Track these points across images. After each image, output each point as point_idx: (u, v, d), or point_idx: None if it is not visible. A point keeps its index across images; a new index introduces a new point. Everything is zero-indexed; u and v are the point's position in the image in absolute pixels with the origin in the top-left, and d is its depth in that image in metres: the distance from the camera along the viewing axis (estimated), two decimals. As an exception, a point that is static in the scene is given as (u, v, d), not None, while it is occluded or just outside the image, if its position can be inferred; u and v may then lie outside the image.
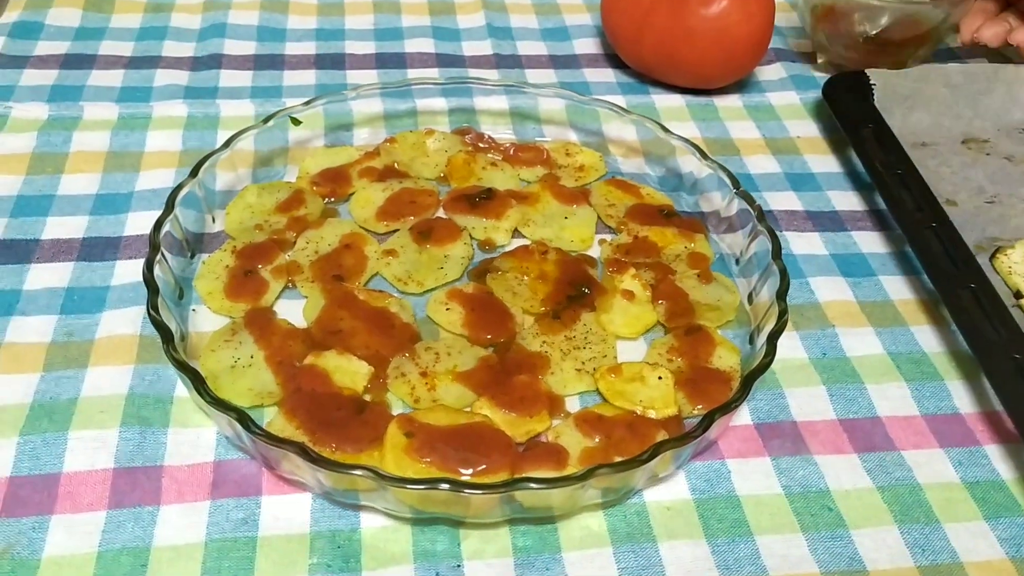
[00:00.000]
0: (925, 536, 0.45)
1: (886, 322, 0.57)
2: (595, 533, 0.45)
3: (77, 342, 0.51)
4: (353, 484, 0.42)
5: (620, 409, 0.49)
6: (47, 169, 0.63)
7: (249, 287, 0.54)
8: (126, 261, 0.56)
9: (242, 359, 0.50)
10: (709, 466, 0.48)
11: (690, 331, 0.53)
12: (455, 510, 0.43)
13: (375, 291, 0.55)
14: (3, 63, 0.72)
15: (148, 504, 0.44)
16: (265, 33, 0.79)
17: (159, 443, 0.47)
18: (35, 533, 0.43)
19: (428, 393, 0.49)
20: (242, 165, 0.61)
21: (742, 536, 0.45)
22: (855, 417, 0.51)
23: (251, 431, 0.42)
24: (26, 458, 0.45)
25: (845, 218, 0.64)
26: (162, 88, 0.71)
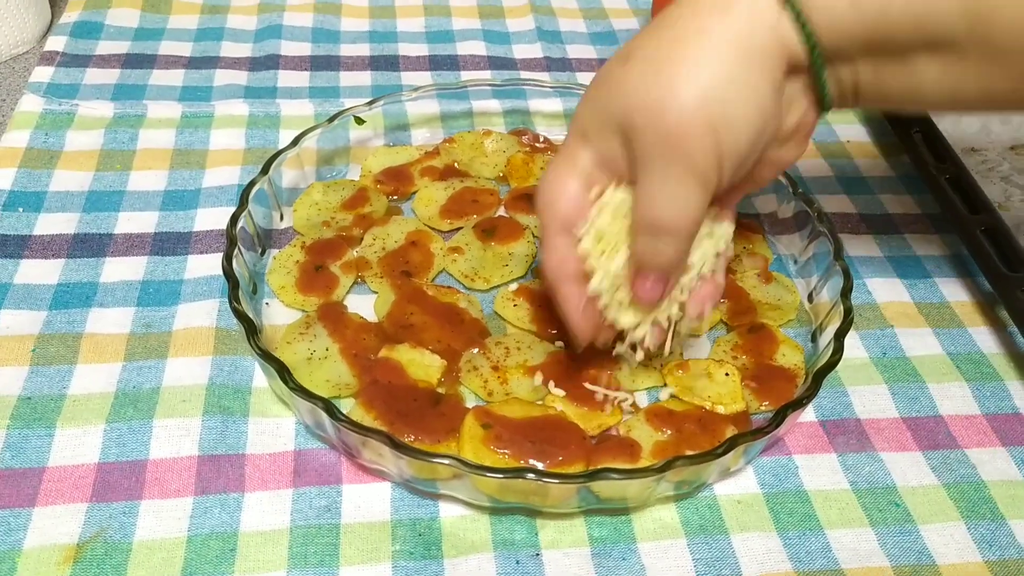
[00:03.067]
0: (992, 532, 0.46)
1: (944, 323, 0.57)
2: (668, 525, 0.45)
3: (156, 333, 0.52)
4: (434, 473, 0.43)
5: (689, 404, 0.50)
6: (116, 166, 0.64)
7: (320, 282, 0.55)
8: (198, 256, 0.58)
9: (318, 351, 0.51)
10: (777, 461, 0.49)
11: (753, 329, 0.54)
12: (532, 500, 0.44)
13: (443, 287, 0.56)
14: (66, 62, 0.74)
15: (233, 491, 0.45)
16: (320, 35, 0.80)
17: (240, 432, 0.48)
18: (126, 518, 0.44)
19: (501, 386, 0.50)
20: (307, 163, 0.62)
21: (812, 529, 0.46)
22: (918, 415, 0.52)
23: (337, 419, 0.43)
24: (113, 445, 0.47)
25: (898, 221, 0.65)
26: (222, 88, 0.73)
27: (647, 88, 0.39)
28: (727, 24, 0.38)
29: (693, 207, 0.40)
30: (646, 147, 0.39)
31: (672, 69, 0.38)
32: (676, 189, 0.40)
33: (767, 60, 0.39)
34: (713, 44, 0.38)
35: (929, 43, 0.38)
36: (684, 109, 0.38)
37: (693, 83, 0.38)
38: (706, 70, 0.38)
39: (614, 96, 0.40)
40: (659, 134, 0.39)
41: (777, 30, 0.39)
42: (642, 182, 0.41)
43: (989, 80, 0.39)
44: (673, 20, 0.40)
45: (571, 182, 0.43)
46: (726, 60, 0.38)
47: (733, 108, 0.38)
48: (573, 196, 0.43)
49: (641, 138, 0.39)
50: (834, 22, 0.38)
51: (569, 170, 0.43)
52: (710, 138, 0.38)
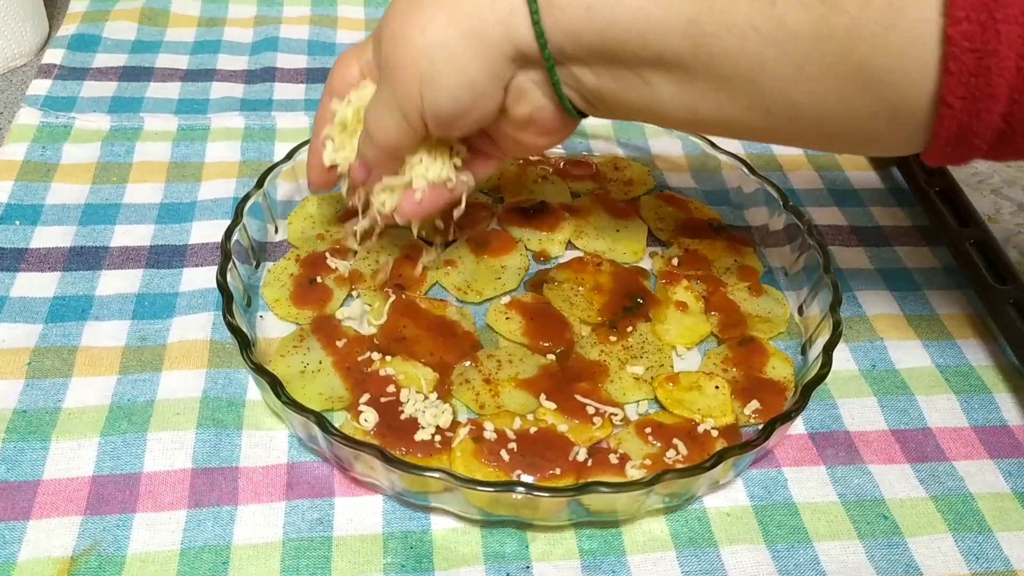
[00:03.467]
0: (979, 544, 0.47)
1: (933, 335, 0.58)
2: (658, 537, 0.46)
3: (151, 346, 0.53)
4: (426, 486, 0.44)
5: (679, 417, 0.50)
6: (112, 179, 0.64)
7: (314, 295, 0.56)
8: (193, 268, 0.58)
9: (311, 364, 0.51)
10: (766, 474, 0.49)
11: (743, 342, 0.55)
12: (523, 513, 0.45)
13: (436, 300, 0.56)
14: (64, 75, 0.74)
15: (226, 504, 0.46)
16: (316, 47, 0.81)
17: (234, 445, 0.48)
18: (119, 530, 0.44)
19: (492, 399, 0.50)
20: (303, 176, 0.63)
21: (801, 542, 0.46)
22: (906, 428, 0.52)
23: (329, 433, 0.44)
24: (108, 458, 0.47)
25: (889, 233, 0.66)
26: (218, 100, 0.73)
27: (394, 22, 0.44)
28: (466, 3, 0.42)
29: (391, 130, 0.47)
30: (380, 65, 0.46)
31: (412, 21, 0.43)
32: (382, 110, 0.46)
33: (488, 48, 0.42)
34: (448, 15, 0.42)
35: (657, 61, 0.40)
36: (404, 51, 0.43)
37: (419, 38, 0.43)
38: (433, 34, 0.42)
39: (384, 17, 0.46)
40: (386, 60, 0.45)
41: (508, 23, 0.42)
42: (373, 97, 0.48)
43: (719, 104, 0.41)
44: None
45: (353, 65, 0.51)
46: (451, 34, 0.42)
47: (439, 73, 0.43)
48: (351, 76, 0.51)
49: (378, 56, 0.47)
50: (568, 25, 0.41)
51: (357, 56, 0.51)
52: (415, 85, 0.44)
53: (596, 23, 0.40)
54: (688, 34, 0.38)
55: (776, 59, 0.37)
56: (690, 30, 0.38)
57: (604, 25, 0.40)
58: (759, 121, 0.41)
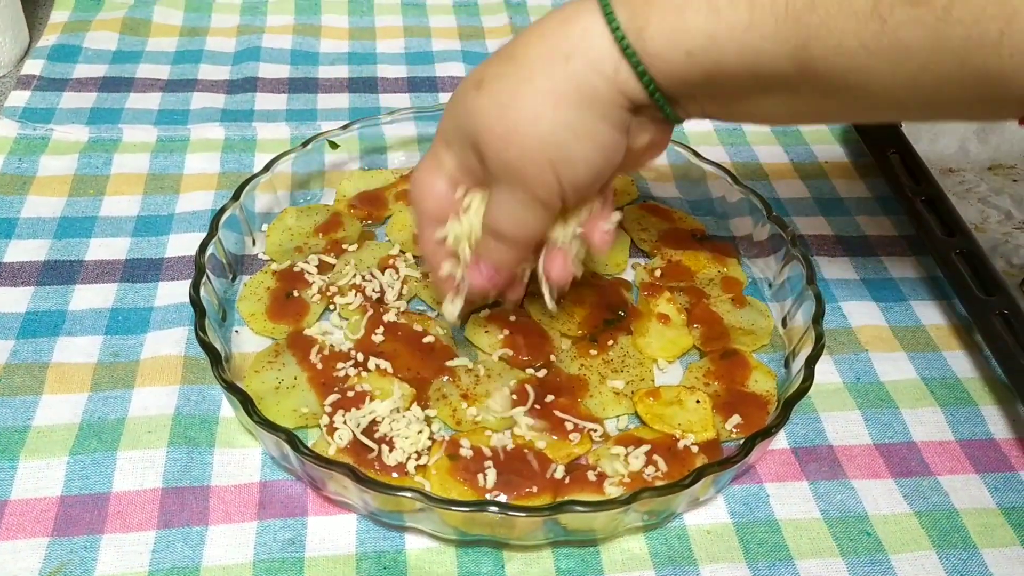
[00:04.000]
0: (963, 562, 0.46)
1: (918, 347, 0.57)
2: (637, 556, 0.45)
3: (123, 362, 0.52)
4: (399, 505, 0.43)
5: (659, 432, 0.49)
6: (89, 191, 0.64)
7: (290, 309, 0.55)
8: (168, 282, 0.57)
9: (286, 380, 0.50)
10: (748, 490, 0.48)
11: (726, 355, 0.54)
12: (499, 532, 0.44)
13: (415, 313, 0.56)
14: (43, 86, 0.74)
15: (196, 524, 0.45)
16: (299, 57, 0.80)
17: (206, 463, 0.47)
18: (86, 552, 0.43)
19: (469, 415, 0.49)
20: (281, 187, 0.62)
21: (782, 560, 0.45)
22: (891, 442, 0.51)
23: (300, 452, 0.43)
24: (76, 478, 0.46)
25: (875, 243, 0.65)
26: (199, 111, 0.72)
27: (495, 122, 0.42)
28: (568, 74, 0.41)
29: (531, 225, 0.45)
30: (495, 170, 0.44)
31: (517, 113, 0.42)
32: (517, 209, 0.45)
33: (606, 107, 0.41)
34: (554, 91, 0.41)
35: (764, 87, 0.40)
36: (525, 149, 0.42)
37: (537, 128, 0.41)
38: (549, 119, 0.41)
39: (470, 119, 0.44)
40: (504, 163, 0.43)
41: (615, 80, 0.41)
42: (492, 194, 0.45)
43: (823, 108, 0.42)
44: (521, 56, 0.42)
45: (438, 182, 0.48)
46: (565, 108, 0.41)
47: (571, 150, 0.42)
48: (441, 194, 0.48)
49: (490, 162, 0.44)
50: (672, 72, 0.40)
51: (436, 171, 0.47)
52: (550, 174, 0.42)
53: (700, 66, 0.40)
54: (796, 59, 0.38)
55: (889, 72, 0.37)
56: (798, 55, 0.38)
57: (709, 66, 0.40)
58: (861, 115, 0.45)
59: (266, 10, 0.86)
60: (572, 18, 0.41)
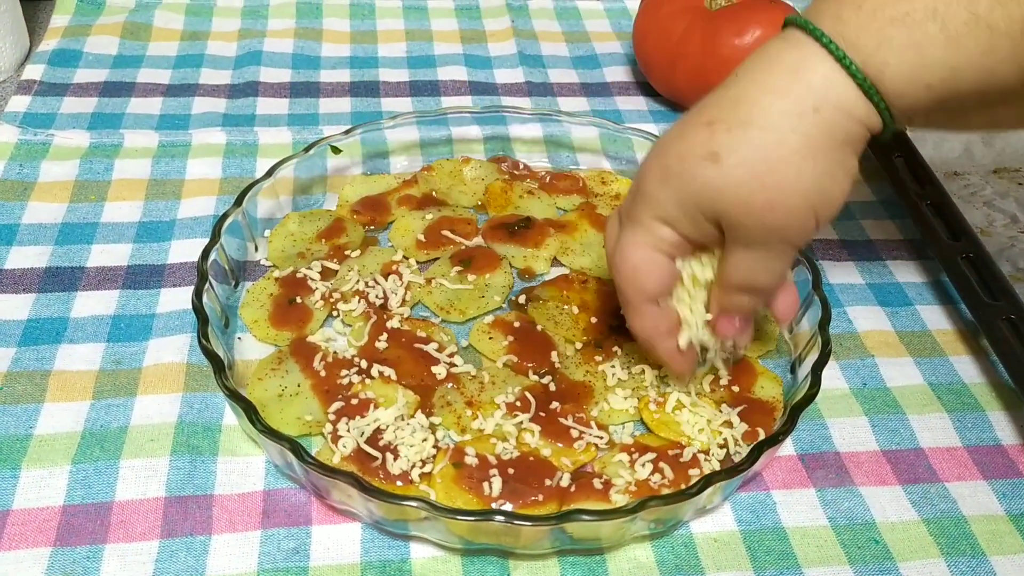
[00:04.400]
0: (972, 569, 0.45)
1: (925, 352, 0.57)
2: (644, 565, 0.45)
3: (125, 370, 0.52)
4: (404, 514, 0.43)
5: (665, 440, 0.49)
6: (90, 197, 0.63)
7: (294, 315, 0.54)
8: (171, 289, 0.57)
9: (289, 388, 0.50)
10: (754, 497, 0.48)
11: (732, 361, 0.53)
12: (505, 541, 0.44)
13: (418, 319, 0.55)
14: (43, 91, 0.73)
15: (200, 533, 0.44)
16: (300, 61, 0.80)
17: (209, 472, 0.47)
18: (89, 562, 0.43)
19: (474, 423, 0.49)
20: (283, 193, 0.62)
21: (790, 568, 0.45)
22: (898, 448, 0.51)
23: (304, 461, 0.43)
24: (79, 487, 0.46)
25: (880, 247, 0.65)
26: (200, 116, 0.72)
27: (752, 193, 0.41)
28: (821, 125, 0.41)
29: (784, 271, 0.46)
30: (749, 236, 0.43)
31: (778, 178, 0.41)
32: (775, 263, 0.45)
33: (857, 144, 0.42)
34: (810, 146, 0.41)
35: (997, 101, 0.41)
36: (790, 209, 0.42)
37: (798, 186, 0.41)
38: (807, 173, 0.41)
39: (714, 194, 0.42)
40: (765, 228, 0.42)
41: (865, 122, 0.41)
42: (741, 256, 0.44)
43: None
44: (760, 117, 0.41)
45: (659, 258, 0.46)
46: (823, 157, 0.41)
47: (833, 194, 0.42)
48: (665, 270, 0.46)
49: (744, 231, 0.43)
50: (912, 104, 0.41)
51: (655, 249, 0.45)
52: (812, 221, 0.43)
53: (939, 95, 0.40)
54: None
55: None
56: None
57: (947, 95, 0.40)
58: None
59: (267, 14, 0.86)
60: (804, 67, 0.41)
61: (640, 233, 0.45)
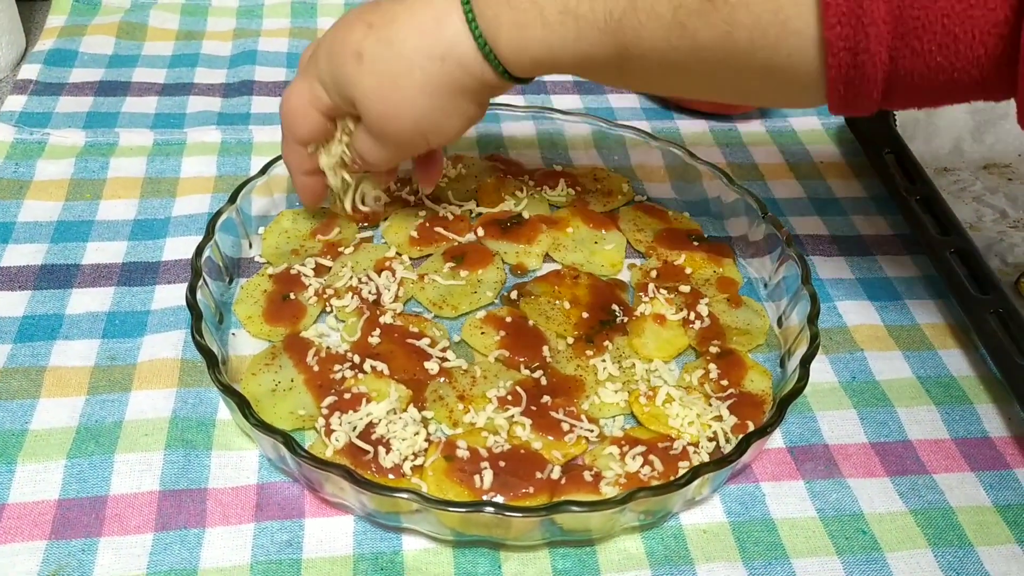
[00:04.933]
0: (959, 560, 0.46)
1: (914, 346, 0.57)
2: (633, 556, 0.45)
3: (120, 366, 0.52)
4: (396, 507, 0.43)
5: (655, 432, 0.50)
6: (85, 195, 0.64)
7: (287, 311, 0.55)
8: (165, 286, 0.57)
9: (282, 383, 0.51)
10: (744, 489, 0.49)
11: (722, 355, 0.54)
12: (496, 533, 0.44)
13: (411, 315, 0.56)
14: (39, 90, 0.74)
15: (194, 527, 0.45)
16: (295, 60, 0.80)
17: (203, 466, 0.47)
18: (84, 555, 0.43)
19: (466, 416, 0.50)
20: (277, 190, 0.62)
21: (778, 559, 0.45)
22: (886, 440, 0.52)
23: (297, 454, 0.43)
24: (74, 481, 0.46)
25: (870, 242, 0.65)
26: (195, 115, 0.73)
27: (375, 101, 0.49)
28: (442, 72, 0.48)
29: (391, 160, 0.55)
30: (369, 127, 0.51)
31: (397, 97, 0.49)
32: (384, 152, 0.53)
33: (472, 93, 0.50)
34: (429, 84, 0.48)
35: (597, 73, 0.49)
36: (402, 126, 0.50)
37: (411, 111, 0.49)
38: (422, 104, 0.49)
39: (350, 88, 0.50)
40: (380, 129, 0.51)
41: (481, 76, 0.49)
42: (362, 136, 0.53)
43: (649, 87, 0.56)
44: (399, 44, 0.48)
45: (312, 114, 0.53)
46: (438, 96, 0.49)
47: (441, 124, 0.51)
48: (316, 123, 0.53)
49: (367, 122, 0.51)
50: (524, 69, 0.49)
51: (311, 103, 0.53)
52: (421, 141, 0.52)
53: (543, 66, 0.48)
54: (620, 56, 0.45)
55: (695, 64, 0.44)
56: (621, 54, 0.45)
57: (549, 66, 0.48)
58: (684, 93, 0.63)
59: (262, 13, 0.86)
60: (445, 19, 0.47)
61: (304, 85, 0.53)
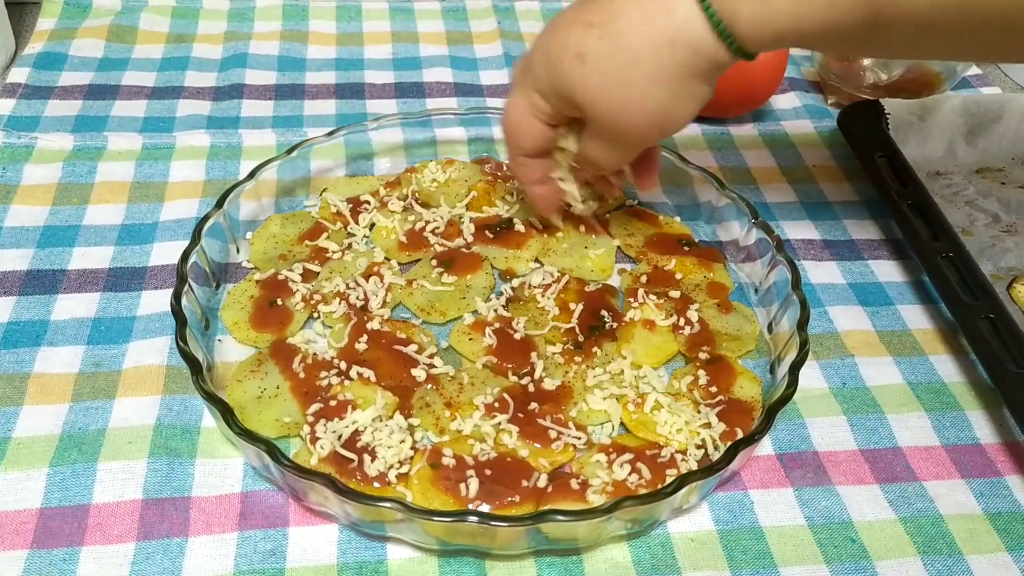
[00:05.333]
0: (948, 568, 0.46)
1: (905, 351, 0.57)
2: (620, 565, 0.45)
3: (105, 372, 0.52)
4: (380, 516, 0.43)
5: (643, 440, 0.49)
6: (73, 199, 0.63)
7: (274, 317, 0.54)
8: (152, 291, 0.57)
9: (268, 390, 0.50)
10: (732, 497, 0.48)
11: (711, 361, 0.54)
12: (481, 542, 0.44)
13: (399, 321, 0.55)
14: (28, 94, 0.73)
15: (177, 535, 0.44)
16: (286, 63, 0.80)
17: (187, 474, 0.47)
18: (65, 565, 0.43)
19: (453, 424, 0.49)
20: (266, 195, 0.62)
21: (766, 568, 0.45)
22: (876, 447, 0.51)
23: (280, 463, 0.43)
24: (56, 489, 0.46)
25: (862, 247, 0.65)
26: (185, 118, 0.72)
27: (604, 100, 0.48)
28: (674, 58, 0.46)
29: (623, 160, 0.53)
30: (599, 130, 0.50)
31: (628, 93, 0.47)
32: (616, 153, 0.52)
33: (705, 75, 0.47)
34: (661, 74, 0.46)
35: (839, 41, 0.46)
36: (635, 122, 0.48)
37: (644, 105, 0.47)
38: (655, 96, 0.47)
39: (575, 91, 0.48)
40: (612, 130, 0.49)
41: (715, 58, 0.46)
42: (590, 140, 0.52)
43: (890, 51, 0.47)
44: (625, 37, 0.46)
45: (536, 124, 0.52)
46: (671, 84, 0.47)
47: (675, 113, 0.49)
48: (540, 135, 0.53)
49: (595, 124, 0.50)
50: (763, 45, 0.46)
51: (533, 116, 0.52)
52: (655, 131, 0.50)
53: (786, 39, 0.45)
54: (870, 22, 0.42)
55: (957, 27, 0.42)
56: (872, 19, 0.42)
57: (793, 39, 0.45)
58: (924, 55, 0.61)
59: (253, 16, 0.86)
60: (671, 4, 0.45)
61: (522, 97, 0.52)
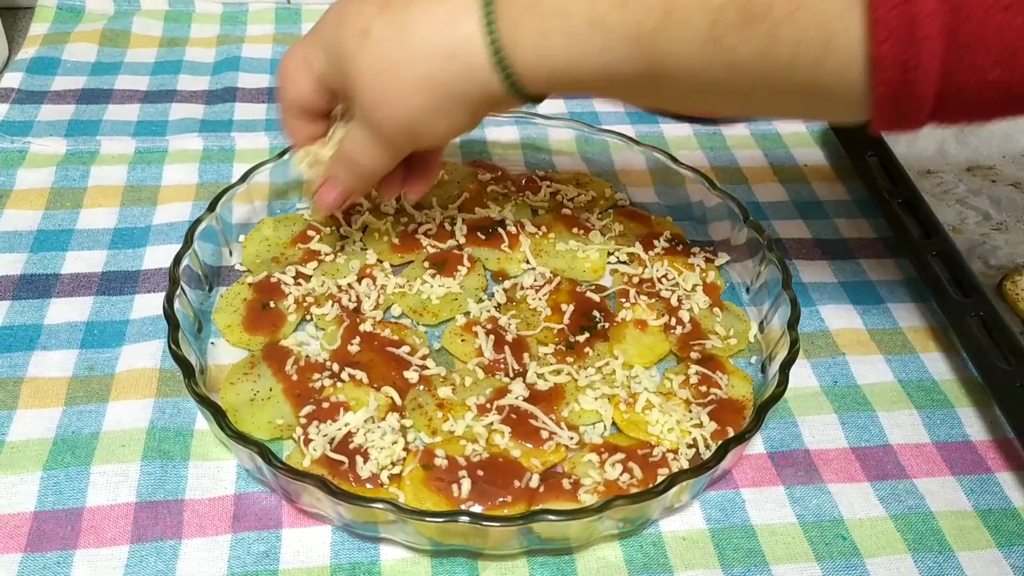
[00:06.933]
0: (939, 565, 0.46)
1: (896, 349, 0.57)
2: (612, 564, 0.45)
3: (98, 376, 0.52)
4: (373, 517, 0.43)
5: (635, 439, 0.49)
6: (66, 204, 0.64)
7: (267, 320, 0.55)
8: (145, 295, 0.57)
9: (261, 392, 0.50)
10: (723, 495, 0.48)
11: (703, 360, 0.54)
12: (473, 542, 0.44)
13: (391, 322, 0.55)
14: (21, 99, 0.74)
15: (170, 538, 0.45)
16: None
17: (180, 477, 0.47)
18: (59, 568, 0.43)
19: (445, 424, 0.49)
20: (258, 198, 0.62)
21: (758, 566, 0.45)
22: (867, 445, 0.51)
23: (272, 465, 0.43)
24: (50, 493, 0.46)
25: (853, 246, 0.65)
26: (178, 122, 0.72)
27: (370, 84, 0.46)
28: (447, 71, 0.45)
29: (380, 161, 0.50)
30: (360, 114, 0.48)
31: (393, 84, 0.46)
32: (376, 151, 0.50)
33: (471, 103, 0.46)
34: (429, 80, 0.45)
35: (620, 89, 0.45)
36: (392, 116, 0.47)
37: (404, 103, 0.46)
38: (417, 99, 0.46)
39: (348, 64, 0.47)
40: (369, 116, 0.48)
41: (487, 86, 0.45)
42: (355, 129, 0.50)
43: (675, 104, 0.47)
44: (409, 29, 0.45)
45: (305, 81, 0.50)
46: (436, 95, 0.46)
47: (430, 126, 0.47)
48: (306, 92, 0.51)
49: (358, 107, 0.48)
50: (539, 82, 0.45)
51: (306, 71, 0.50)
52: (407, 138, 0.48)
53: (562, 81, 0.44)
54: (649, 73, 0.42)
55: (730, 82, 0.41)
56: (650, 70, 0.42)
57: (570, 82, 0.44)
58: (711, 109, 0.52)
59: (246, 20, 0.86)
60: (460, 16, 0.44)
61: (304, 48, 0.50)
